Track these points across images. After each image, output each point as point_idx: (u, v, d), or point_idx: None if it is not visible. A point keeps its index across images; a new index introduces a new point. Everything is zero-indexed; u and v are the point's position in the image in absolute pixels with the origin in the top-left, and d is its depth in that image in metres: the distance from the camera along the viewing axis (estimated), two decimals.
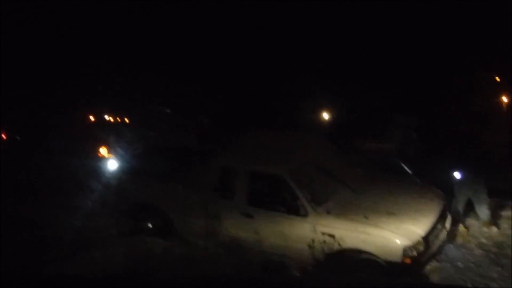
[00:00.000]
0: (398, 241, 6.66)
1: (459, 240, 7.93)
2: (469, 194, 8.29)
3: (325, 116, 12.29)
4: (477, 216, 8.42)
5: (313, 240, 7.06)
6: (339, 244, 6.89)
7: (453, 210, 8.20)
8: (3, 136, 14.52)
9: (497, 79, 17.41)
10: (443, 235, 7.39)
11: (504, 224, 8.40)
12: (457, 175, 8.31)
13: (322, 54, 17.57)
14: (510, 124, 12.70)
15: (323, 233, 7.01)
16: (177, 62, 21.94)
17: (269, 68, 18.27)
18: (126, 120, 19.29)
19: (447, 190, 8.29)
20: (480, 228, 8.30)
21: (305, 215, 7.16)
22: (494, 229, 8.21)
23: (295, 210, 7.24)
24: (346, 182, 7.81)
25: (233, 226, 7.78)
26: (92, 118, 19.03)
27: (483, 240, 8.00)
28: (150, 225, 8.72)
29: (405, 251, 6.63)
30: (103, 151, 13.96)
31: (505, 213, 8.79)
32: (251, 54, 19.73)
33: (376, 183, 8.12)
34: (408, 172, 9.77)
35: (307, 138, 9.14)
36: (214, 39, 20.08)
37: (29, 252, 8.00)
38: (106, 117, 19.55)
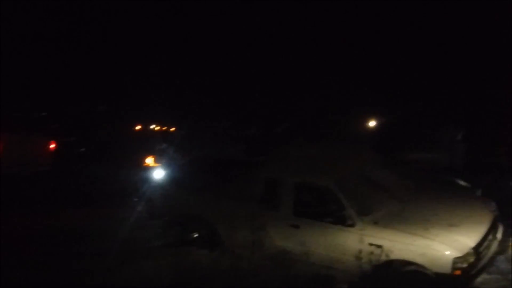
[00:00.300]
0: (447, 252, 6.53)
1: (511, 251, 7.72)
2: None
3: (371, 126, 12.17)
4: None
5: (360, 251, 6.97)
6: (386, 255, 6.79)
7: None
8: (53, 145, 14.80)
9: None
10: (494, 246, 7.21)
11: None
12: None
13: (367, 62, 17.40)
14: None
15: (371, 244, 6.92)
16: (229, 72, 21.97)
17: (317, 79, 18.16)
18: (172, 129, 19.47)
19: (503, 199, 8.12)
20: None
21: (352, 225, 7.09)
22: None
23: (342, 221, 7.18)
24: (394, 193, 7.72)
25: (279, 237, 7.75)
26: (138, 127, 19.27)
27: None
28: (196, 236, 8.77)
29: (455, 262, 6.47)
30: (149, 160, 14.12)
31: None
32: (302, 66, 19.66)
33: (424, 194, 8.01)
34: (457, 183, 9.58)
35: (354, 149, 9.07)
36: (268, 50, 20.00)
37: (77, 263, 8.13)
38: (153, 126, 19.76)
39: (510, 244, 7.85)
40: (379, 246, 6.85)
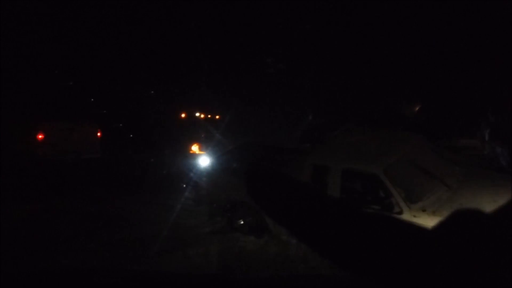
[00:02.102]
0: None
1: None
2: None
3: (420, 112, 11.97)
4: None
5: None
6: None
7: None
8: (99, 133, 15.05)
9: None
10: None
11: None
12: None
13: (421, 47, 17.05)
14: None
15: None
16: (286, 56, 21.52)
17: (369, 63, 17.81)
18: (217, 117, 19.53)
19: None
20: None
21: (399, 213, 7.05)
22: None
23: (389, 208, 7.14)
24: (443, 179, 7.61)
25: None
26: (183, 115, 19.36)
27: None
28: (243, 223, 8.84)
29: None
30: (195, 148, 14.25)
31: None
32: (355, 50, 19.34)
33: (473, 180, 7.87)
34: (504, 169, 9.42)
35: (403, 135, 8.96)
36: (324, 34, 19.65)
37: (125, 249, 8.27)
38: (198, 114, 19.82)
39: None
40: None
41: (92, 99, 17.87)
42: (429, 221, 6.86)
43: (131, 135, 16.33)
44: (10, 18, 17.78)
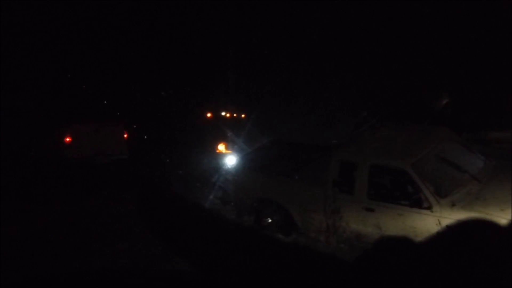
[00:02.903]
0: None
1: None
2: None
3: (447, 106, 11.78)
4: None
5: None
6: None
7: None
8: (125, 135, 15.16)
9: None
10: None
11: None
12: None
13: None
14: None
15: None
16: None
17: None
18: (243, 116, 19.52)
19: None
20: None
21: (428, 208, 7.00)
22: None
23: (418, 203, 7.09)
24: (472, 174, 7.54)
25: (354, 220, 7.71)
26: (209, 114, 19.41)
27: None
28: (271, 221, 8.85)
29: None
30: (221, 147, 14.28)
31: None
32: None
33: (504, 174, 7.78)
34: None
35: (430, 129, 8.90)
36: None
37: (155, 249, 8.34)
38: (223, 113, 19.83)
39: None
40: None
41: (117, 100, 17.94)
42: (458, 216, 6.82)
43: (157, 136, 16.40)
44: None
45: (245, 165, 9.87)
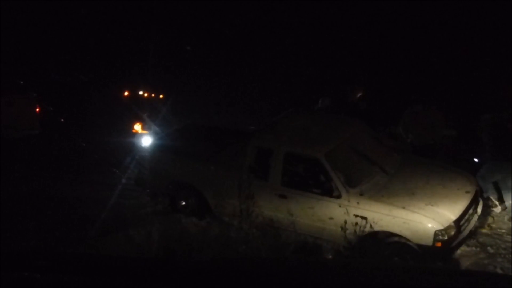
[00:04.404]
0: (429, 225, 6.77)
1: (490, 225, 7.97)
2: (497, 178, 8.34)
3: (361, 99, 12.08)
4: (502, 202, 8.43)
5: (345, 222, 7.13)
6: (371, 227, 7.00)
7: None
8: (38, 109, 14.65)
9: None
10: (474, 220, 7.46)
11: None
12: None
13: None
14: None
15: (356, 215, 7.12)
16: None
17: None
18: (161, 96, 19.24)
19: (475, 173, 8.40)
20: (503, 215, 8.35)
21: (338, 197, 7.28)
22: None
23: (328, 192, 7.36)
24: (381, 165, 7.89)
25: (267, 206, 7.88)
26: (126, 93, 19.01)
27: None
28: (185, 204, 8.90)
29: (437, 235, 6.72)
30: (137, 127, 14.10)
31: None
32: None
33: (410, 167, 8.19)
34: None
35: (345, 121, 9.18)
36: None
37: (65, 230, 8.20)
38: (141, 92, 19.45)
39: (489, 217, 8.12)
40: (364, 218, 7.06)
41: (32, 77, 17.29)
42: (366, 206, 7.14)
43: (68, 114, 15.88)
44: None
45: (161, 147, 9.81)
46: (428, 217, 6.83)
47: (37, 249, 7.10)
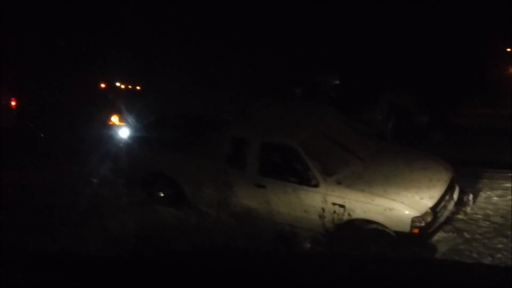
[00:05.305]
0: (406, 212, 6.82)
1: (466, 211, 8.03)
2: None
3: (335, 87, 12.12)
4: None
5: (323, 210, 7.16)
6: (349, 215, 7.03)
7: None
8: (13, 102, 14.51)
9: None
10: (450, 206, 7.52)
11: (509, 196, 8.55)
12: None
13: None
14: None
15: (334, 204, 7.13)
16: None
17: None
18: (138, 87, 19.16)
19: None
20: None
21: (316, 185, 7.29)
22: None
23: (306, 181, 7.37)
24: (357, 153, 7.91)
25: (245, 196, 7.88)
26: (103, 85, 18.88)
27: (489, 212, 8.15)
28: (162, 195, 8.86)
29: (414, 221, 6.78)
30: (114, 119, 14.01)
31: (506, 184, 8.96)
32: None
33: (386, 155, 8.23)
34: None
35: (319, 109, 9.18)
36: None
37: (38, 221, 8.09)
38: (118, 84, 19.35)
39: (465, 203, 8.17)
40: (342, 206, 7.08)
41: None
42: (344, 194, 7.15)
43: (44, 107, 15.70)
44: None
45: (139, 138, 9.77)
46: (405, 204, 6.88)
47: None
